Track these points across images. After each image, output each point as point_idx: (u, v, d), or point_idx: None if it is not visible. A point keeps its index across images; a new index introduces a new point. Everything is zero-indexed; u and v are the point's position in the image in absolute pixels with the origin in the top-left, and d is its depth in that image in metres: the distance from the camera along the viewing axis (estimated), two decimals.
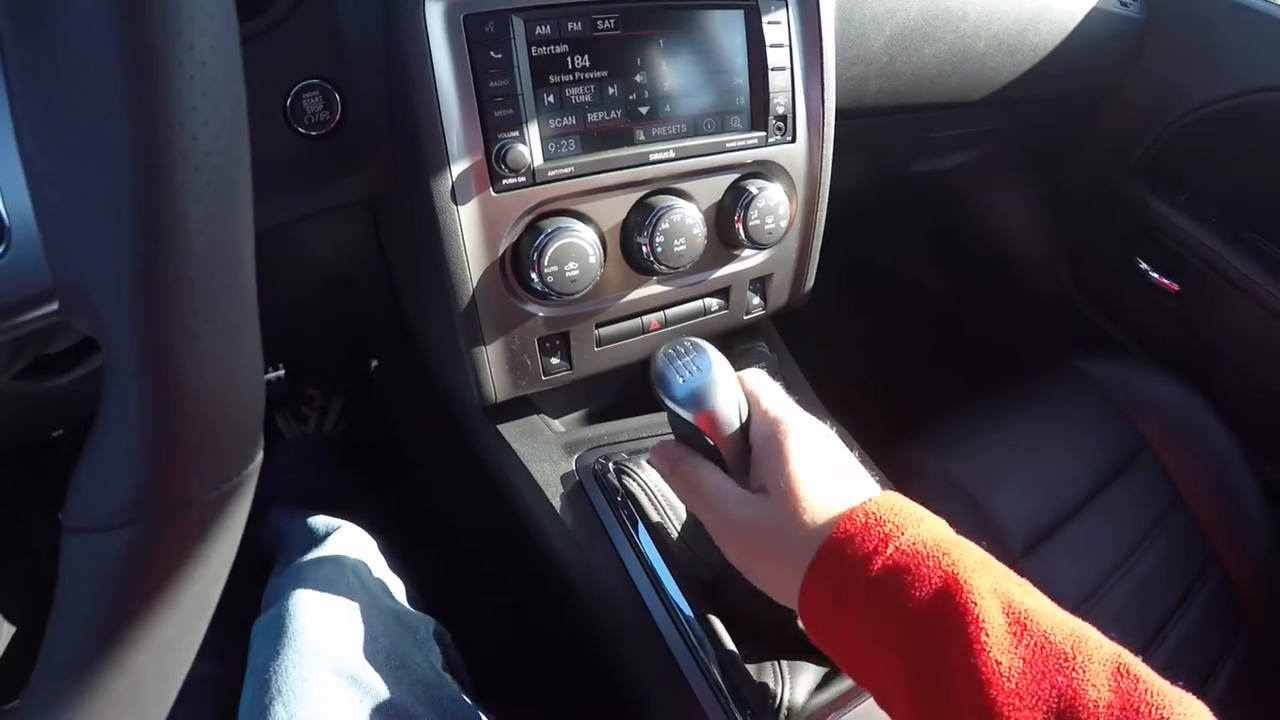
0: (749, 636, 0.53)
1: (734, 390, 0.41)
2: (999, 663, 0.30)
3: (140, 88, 0.20)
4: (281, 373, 0.98)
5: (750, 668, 0.51)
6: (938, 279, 1.34)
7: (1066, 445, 0.91)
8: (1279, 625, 0.89)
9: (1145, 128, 1.02)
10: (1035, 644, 0.30)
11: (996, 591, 0.32)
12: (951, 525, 0.37)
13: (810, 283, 0.67)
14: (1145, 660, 0.31)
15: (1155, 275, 1.07)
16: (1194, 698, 0.30)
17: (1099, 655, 0.30)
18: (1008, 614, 0.31)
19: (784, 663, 0.52)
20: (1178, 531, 0.91)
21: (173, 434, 0.23)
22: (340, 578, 0.55)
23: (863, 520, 0.35)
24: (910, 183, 0.96)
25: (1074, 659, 0.30)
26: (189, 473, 0.24)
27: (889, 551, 0.34)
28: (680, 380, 0.40)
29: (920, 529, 0.35)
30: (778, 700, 0.50)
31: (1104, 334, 1.18)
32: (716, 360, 0.41)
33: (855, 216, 0.70)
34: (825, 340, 0.47)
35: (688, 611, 0.52)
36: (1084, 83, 0.97)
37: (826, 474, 0.38)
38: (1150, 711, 0.28)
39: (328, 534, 0.64)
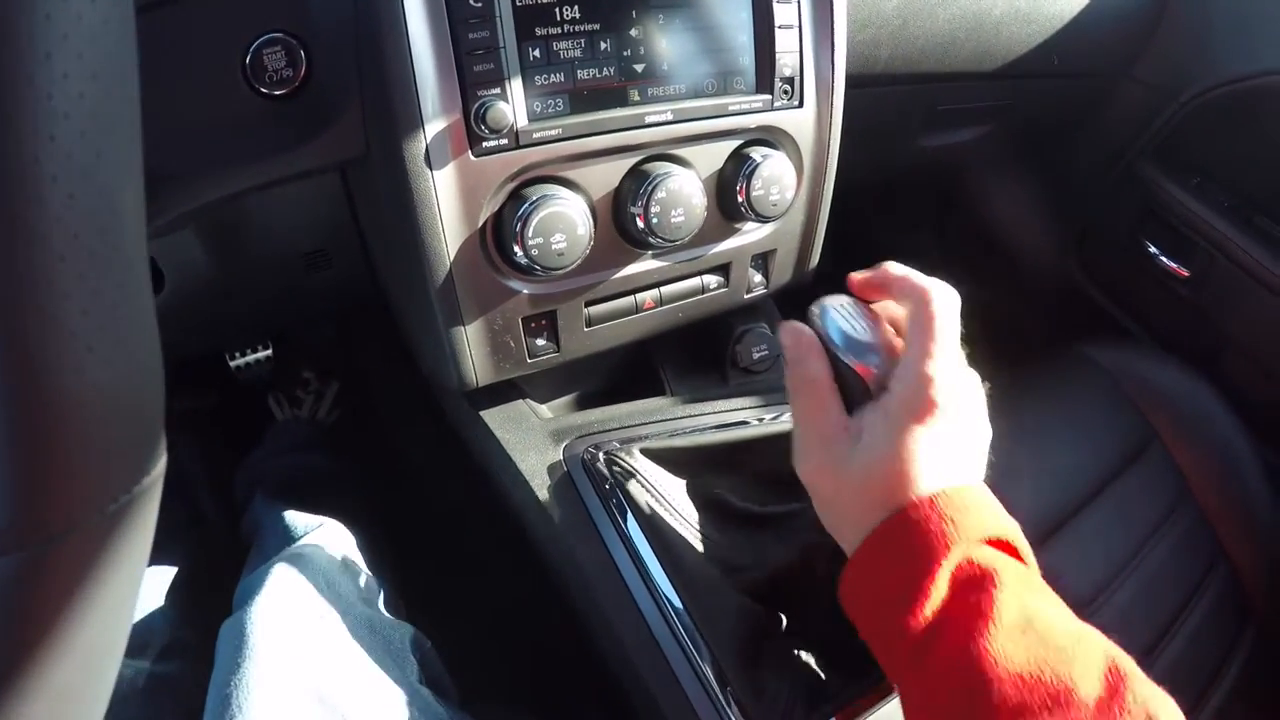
0: (760, 634, 0.50)
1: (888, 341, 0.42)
2: (1004, 649, 0.33)
3: None
4: (269, 352, 0.93)
5: (753, 671, 0.48)
6: (942, 259, 1.30)
7: (1076, 435, 0.87)
8: None
9: (1157, 108, 0.98)
10: (1039, 638, 0.33)
11: (1020, 598, 0.35)
12: None
13: (815, 259, 0.63)
14: (1155, 658, 0.34)
15: (1165, 260, 1.03)
16: (1173, 701, 0.33)
17: (1096, 652, 0.33)
18: (1021, 613, 0.34)
19: (788, 670, 0.49)
20: (1187, 525, 0.88)
21: (43, 451, 0.20)
22: (311, 583, 0.51)
23: (928, 513, 0.36)
24: (917, 158, 0.92)
25: (1073, 652, 0.33)
26: (67, 495, 0.21)
27: (945, 559, 0.35)
28: (852, 330, 0.42)
29: (976, 546, 0.36)
30: (780, 708, 0.47)
31: (1111, 319, 1.15)
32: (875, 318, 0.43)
33: (859, 191, 0.67)
34: None
35: (682, 609, 0.49)
36: (1099, 57, 0.93)
37: (944, 456, 0.39)
38: (1135, 701, 0.31)
39: (306, 531, 0.60)
